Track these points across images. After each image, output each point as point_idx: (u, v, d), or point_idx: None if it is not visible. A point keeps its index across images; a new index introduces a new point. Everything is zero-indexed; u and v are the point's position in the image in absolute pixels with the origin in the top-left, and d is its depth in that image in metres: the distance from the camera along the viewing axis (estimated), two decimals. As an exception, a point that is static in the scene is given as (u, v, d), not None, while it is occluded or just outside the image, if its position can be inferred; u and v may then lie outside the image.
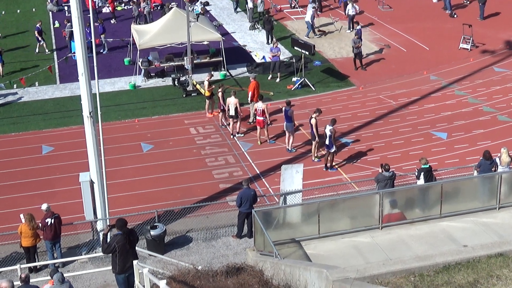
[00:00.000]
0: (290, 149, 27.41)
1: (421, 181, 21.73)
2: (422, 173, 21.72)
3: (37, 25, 39.60)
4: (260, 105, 27.90)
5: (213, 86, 30.64)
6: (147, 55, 35.86)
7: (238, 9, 47.35)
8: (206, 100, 30.94)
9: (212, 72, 33.17)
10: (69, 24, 38.36)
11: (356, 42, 36.16)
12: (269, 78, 35.55)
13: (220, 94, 29.51)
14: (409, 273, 13.44)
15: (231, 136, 28.88)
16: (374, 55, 38.75)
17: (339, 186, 24.12)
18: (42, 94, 34.15)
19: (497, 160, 22.43)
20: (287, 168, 22.23)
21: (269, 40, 39.65)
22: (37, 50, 39.57)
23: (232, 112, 28.51)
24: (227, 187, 25.05)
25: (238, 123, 28.90)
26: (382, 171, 21.68)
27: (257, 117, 28.10)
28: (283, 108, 27.56)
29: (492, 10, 45.28)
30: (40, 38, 39.50)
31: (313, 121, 25.95)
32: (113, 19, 45.33)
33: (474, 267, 13.39)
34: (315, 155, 26.63)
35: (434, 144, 27.80)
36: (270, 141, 28.21)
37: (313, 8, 41.94)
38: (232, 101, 28.46)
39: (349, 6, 42.33)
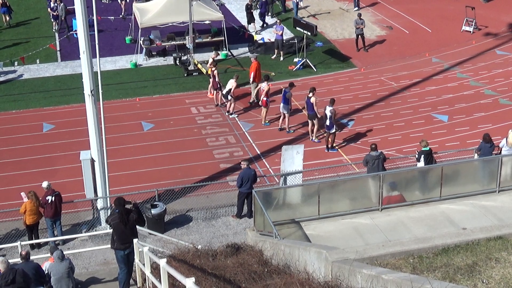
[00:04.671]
0: (288, 130, 27.41)
1: (421, 164, 21.74)
2: (423, 156, 21.73)
3: None
4: (264, 85, 27.95)
5: (215, 64, 30.51)
6: (148, 34, 35.76)
7: None
8: (210, 79, 30.85)
9: (218, 52, 33.14)
10: (62, 4, 38.27)
11: (358, 22, 36.03)
12: (273, 57, 35.49)
13: (215, 72, 29.52)
14: (408, 255, 13.47)
15: (226, 114, 28.93)
16: (376, 37, 38.63)
17: (340, 167, 24.15)
18: (43, 71, 34.09)
19: (504, 141, 22.43)
20: (287, 149, 22.25)
21: (269, 12, 39.49)
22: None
23: (224, 91, 28.67)
24: (228, 167, 25.08)
25: (233, 104, 28.88)
26: (370, 151, 21.79)
27: (262, 98, 28.09)
28: (283, 89, 27.53)
29: (495, -8, 45.15)
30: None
31: (313, 99, 25.92)
32: None
33: (473, 249, 13.43)
34: (315, 135, 26.64)
35: (435, 126, 27.80)
36: (265, 123, 28.18)
37: None
38: (230, 83, 28.57)
39: None
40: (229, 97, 28.66)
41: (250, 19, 38.93)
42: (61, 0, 39.05)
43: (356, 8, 42.57)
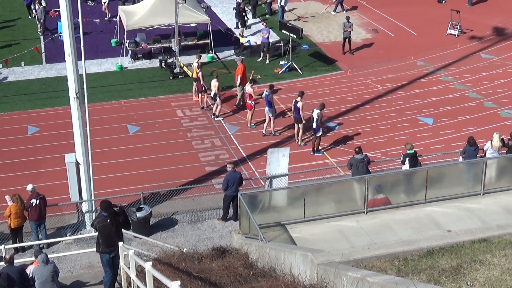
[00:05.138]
0: (273, 133, 27.40)
1: (406, 166, 21.84)
2: (407, 158, 21.83)
3: None
4: (248, 88, 27.96)
5: (200, 69, 30.47)
6: (134, 36, 35.67)
7: None
8: (193, 83, 30.83)
9: (200, 54, 33.08)
10: (41, 6, 38.09)
11: (346, 25, 36.11)
12: (259, 60, 35.51)
13: (200, 74, 29.54)
14: (393, 257, 13.49)
15: (211, 116, 28.92)
16: (362, 40, 38.74)
17: (325, 170, 24.18)
18: (28, 74, 33.92)
19: (489, 144, 22.57)
20: (273, 152, 22.26)
21: (253, 15, 39.41)
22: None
23: (211, 94, 28.72)
24: (213, 170, 25.05)
25: (219, 106, 28.87)
26: (354, 155, 21.86)
27: (247, 101, 28.10)
28: (264, 93, 27.54)
29: (480, -4, 45.43)
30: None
31: (300, 104, 25.97)
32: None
33: (458, 252, 13.47)
34: (301, 139, 26.67)
35: (420, 129, 27.91)
36: (251, 125, 28.17)
37: None
38: (212, 84, 28.61)
39: None
40: (218, 99, 28.63)
41: (242, 23, 38.85)
42: (40, 3, 38.90)
43: (334, 13, 42.70)
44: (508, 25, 40.97)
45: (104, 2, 41.47)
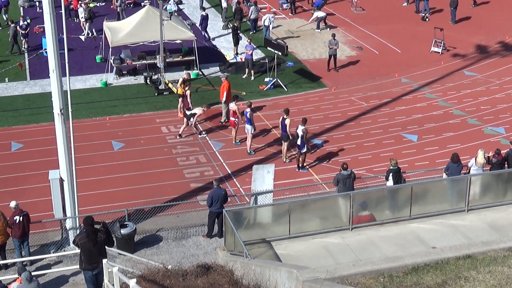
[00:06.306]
0: (249, 151, 27.36)
1: (390, 182, 21.91)
2: (391, 174, 21.92)
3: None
4: (232, 106, 27.93)
5: (188, 86, 30.42)
6: (119, 53, 35.65)
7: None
8: (179, 99, 30.80)
9: (189, 72, 33.15)
10: (12, 25, 37.94)
11: (332, 43, 36.26)
12: (243, 76, 35.57)
13: (188, 92, 29.53)
14: (378, 274, 13.51)
15: (178, 137, 28.84)
16: (346, 57, 38.92)
17: (310, 187, 24.18)
18: (12, 90, 33.77)
19: (473, 160, 22.69)
20: (258, 168, 22.24)
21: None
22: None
23: (188, 112, 28.68)
24: (198, 187, 24.99)
25: (184, 126, 28.80)
26: (341, 170, 21.89)
27: (231, 118, 28.10)
28: (244, 111, 27.53)
29: (463, 14, 45.79)
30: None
31: (287, 121, 25.99)
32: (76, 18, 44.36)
33: (443, 268, 13.50)
34: (286, 156, 26.68)
35: (405, 146, 28.01)
36: (236, 142, 28.16)
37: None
38: (197, 108, 28.76)
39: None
40: (191, 120, 28.50)
41: (237, 41, 38.89)
42: (12, 21, 38.79)
43: (318, 30, 42.98)
44: (491, 42, 41.34)
45: (82, 18, 41.50)
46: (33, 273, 16.53)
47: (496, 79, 35.50)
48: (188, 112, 28.74)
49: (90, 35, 40.75)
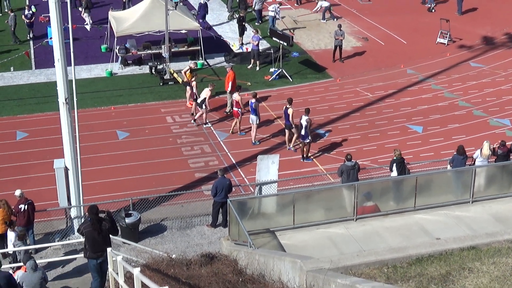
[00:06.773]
0: (254, 141, 27.36)
1: (394, 173, 21.91)
2: (395, 164, 21.92)
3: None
4: (235, 96, 27.90)
5: (194, 77, 30.35)
6: (124, 43, 35.62)
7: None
8: (186, 87, 30.70)
9: (196, 62, 33.14)
10: (12, 14, 37.87)
11: (338, 34, 36.15)
12: (249, 67, 35.53)
13: (194, 83, 29.50)
14: (382, 265, 13.51)
15: (192, 122, 29.04)
16: (352, 48, 38.83)
17: (315, 177, 24.18)
18: (17, 79, 33.80)
19: (478, 152, 22.68)
20: (263, 159, 22.24)
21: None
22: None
23: (198, 100, 28.62)
24: (203, 176, 25.01)
25: (204, 114, 28.80)
26: (345, 161, 21.89)
27: (234, 108, 28.09)
28: (249, 101, 27.52)
29: (470, 5, 45.61)
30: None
31: (290, 111, 25.99)
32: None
33: (447, 259, 13.49)
34: (293, 143, 26.68)
35: (410, 137, 27.98)
36: (240, 133, 28.15)
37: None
38: (203, 91, 28.54)
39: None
40: (204, 107, 28.55)
41: (242, 31, 38.80)
42: (11, 10, 38.72)
43: (324, 21, 42.88)
44: (497, 34, 41.20)
45: (81, 8, 41.40)
46: (37, 261, 16.57)
47: (502, 71, 35.41)
48: (199, 101, 28.68)
49: (91, 23, 40.61)
